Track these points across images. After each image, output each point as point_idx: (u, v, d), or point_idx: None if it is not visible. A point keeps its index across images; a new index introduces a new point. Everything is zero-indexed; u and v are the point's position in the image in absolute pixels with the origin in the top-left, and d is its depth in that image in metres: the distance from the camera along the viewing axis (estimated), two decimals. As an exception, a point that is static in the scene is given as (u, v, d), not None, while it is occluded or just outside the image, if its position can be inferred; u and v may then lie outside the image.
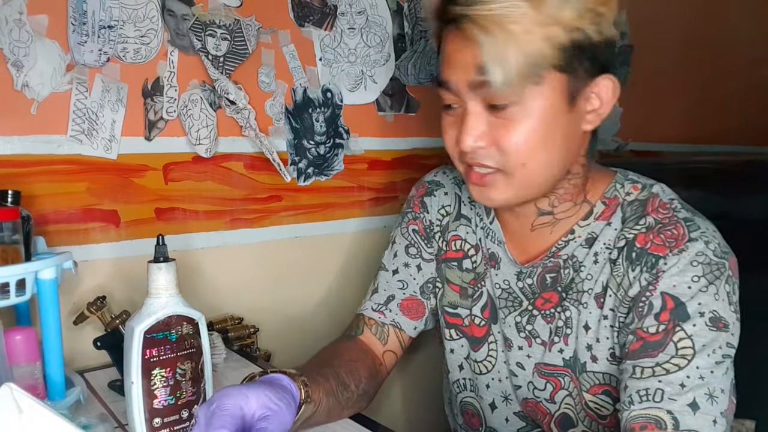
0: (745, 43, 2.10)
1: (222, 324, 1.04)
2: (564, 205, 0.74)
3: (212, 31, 1.03)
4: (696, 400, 0.60)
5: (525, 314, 0.77)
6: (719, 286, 0.64)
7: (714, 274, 0.64)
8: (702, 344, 0.62)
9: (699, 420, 0.59)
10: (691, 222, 0.67)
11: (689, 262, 0.64)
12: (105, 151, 0.94)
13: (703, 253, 0.65)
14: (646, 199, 0.71)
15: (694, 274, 0.64)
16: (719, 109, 2.04)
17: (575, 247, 0.73)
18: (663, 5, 1.85)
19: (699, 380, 0.61)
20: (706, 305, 0.63)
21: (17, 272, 0.63)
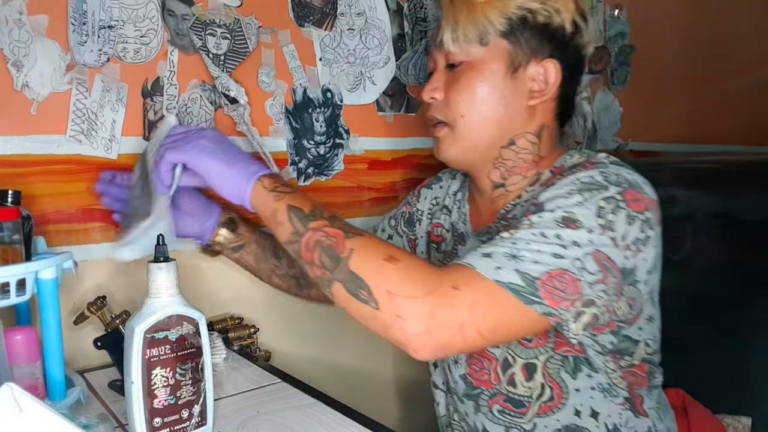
0: (746, 42, 2.10)
1: (222, 324, 1.04)
2: (514, 178, 0.82)
3: (212, 30, 1.03)
4: (492, 253, 0.63)
5: None
6: (589, 198, 0.65)
7: (588, 189, 0.66)
8: (537, 227, 0.64)
9: (481, 261, 0.63)
10: (602, 163, 0.71)
11: (572, 180, 0.68)
12: (105, 151, 0.94)
13: (591, 176, 0.68)
14: (585, 161, 0.74)
15: (570, 189, 0.67)
16: (719, 109, 2.04)
17: (521, 210, 0.79)
18: (663, 5, 1.85)
19: (510, 244, 0.64)
20: (562, 207, 0.65)
21: (17, 272, 0.63)
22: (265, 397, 0.79)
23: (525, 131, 0.79)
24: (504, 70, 0.77)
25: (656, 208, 0.69)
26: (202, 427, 0.64)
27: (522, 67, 0.77)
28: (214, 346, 0.90)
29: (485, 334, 0.62)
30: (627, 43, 1.77)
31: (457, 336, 0.61)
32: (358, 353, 1.22)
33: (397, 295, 0.60)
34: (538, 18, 0.75)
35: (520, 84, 0.77)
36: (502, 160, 0.81)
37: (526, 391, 0.76)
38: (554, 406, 0.75)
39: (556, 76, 0.77)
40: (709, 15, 1.99)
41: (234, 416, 0.72)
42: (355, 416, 0.73)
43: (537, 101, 0.78)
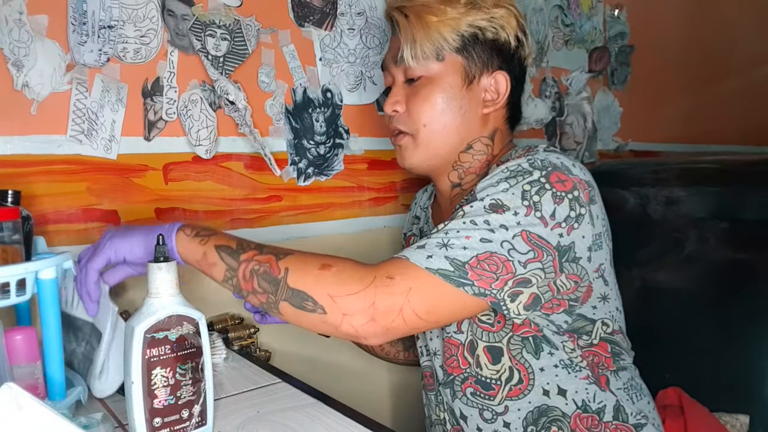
0: (745, 42, 2.10)
1: (222, 324, 1.04)
2: (469, 177, 0.88)
3: (212, 31, 1.03)
4: (425, 245, 0.69)
5: None
6: (514, 184, 0.71)
7: (514, 177, 0.72)
8: (465, 214, 0.70)
9: (414, 253, 0.69)
10: (535, 151, 0.75)
11: (501, 170, 0.73)
12: (105, 151, 0.94)
13: (518, 164, 0.73)
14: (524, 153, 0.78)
15: (498, 178, 0.72)
16: (719, 109, 2.04)
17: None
18: (663, 5, 1.85)
19: (441, 234, 0.69)
20: (490, 193, 0.71)
21: (17, 272, 0.63)
22: (265, 397, 0.79)
23: (480, 136, 0.86)
24: (460, 83, 0.84)
25: (586, 187, 0.73)
26: (202, 427, 0.64)
27: (476, 79, 0.84)
28: (214, 346, 0.90)
29: (423, 316, 0.68)
30: (627, 43, 1.77)
31: (398, 319, 0.67)
32: (358, 353, 1.22)
33: (339, 296, 0.66)
34: (486, 34, 0.83)
35: (474, 94, 0.84)
36: (460, 163, 0.87)
37: (492, 373, 0.81)
38: (524, 388, 0.79)
39: (506, 86, 0.85)
40: (709, 15, 2.00)
41: (234, 416, 0.72)
42: (355, 416, 0.73)
43: (490, 109, 0.85)
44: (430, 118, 0.84)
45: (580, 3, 1.65)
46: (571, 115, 1.64)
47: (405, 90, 0.87)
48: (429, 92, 0.84)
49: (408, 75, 0.85)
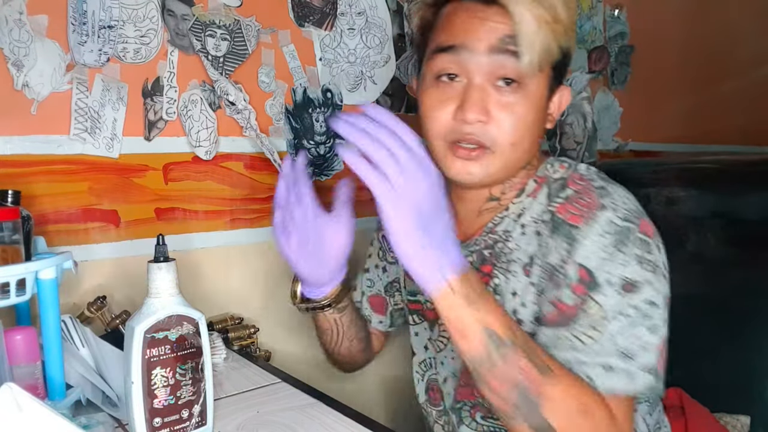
0: (745, 43, 2.10)
1: (222, 324, 1.04)
2: (512, 193, 0.78)
3: (212, 31, 1.03)
4: (610, 363, 0.64)
5: None
6: (627, 251, 0.66)
7: (622, 241, 0.67)
8: (612, 311, 0.65)
9: (614, 379, 0.63)
10: (603, 189, 0.71)
11: (599, 232, 0.67)
12: (107, 150, 0.94)
13: (611, 221, 0.68)
14: (569, 176, 0.75)
15: (603, 244, 0.67)
16: (719, 109, 2.04)
17: (509, 222, 0.77)
18: (663, 5, 1.85)
19: (612, 346, 0.64)
20: (614, 273, 0.66)
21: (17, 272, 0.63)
22: (265, 397, 0.79)
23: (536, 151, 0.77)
24: (545, 99, 0.73)
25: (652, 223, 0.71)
26: (202, 427, 0.64)
27: (553, 93, 0.75)
28: (214, 346, 0.90)
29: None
30: (627, 43, 1.77)
31: None
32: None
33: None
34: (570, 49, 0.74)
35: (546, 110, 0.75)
36: (512, 177, 0.77)
37: None
38: None
39: (567, 101, 0.77)
40: (709, 15, 2.00)
41: (234, 416, 0.73)
42: (355, 416, 0.73)
43: (551, 125, 0.77)
44: (520, 137, 0.71)
45: (580, 3, 1.65)
46: (571, 115, 1.64)
47: (493, 96, 0.70)
48: (525, 106, 0.70)
49: (501, 74, 0.69)
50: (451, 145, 0.72)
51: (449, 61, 0.70)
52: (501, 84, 0.69)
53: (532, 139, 0.73)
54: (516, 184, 0.77)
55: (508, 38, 0.68)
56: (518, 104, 0.70)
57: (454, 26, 0.71)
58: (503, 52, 0.68)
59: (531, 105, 0.70)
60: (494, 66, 0.68)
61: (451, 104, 0.71)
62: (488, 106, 0.69)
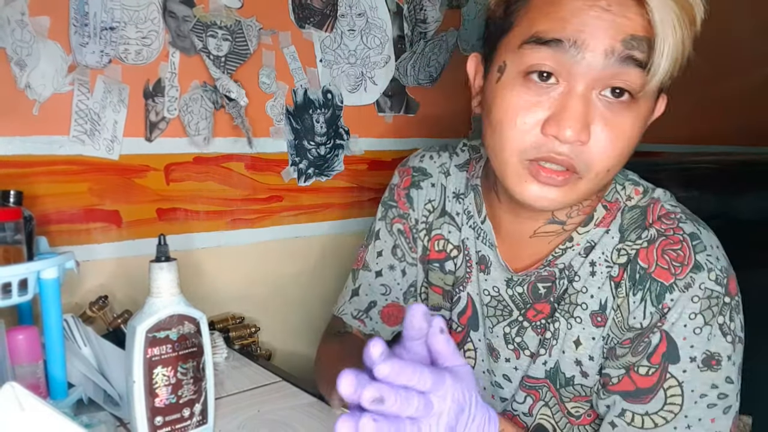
0: (745, 43, 2.10)
1: (223, 323, 1.04)
2: (578, 218, 0.66)
3: (213, 32, 1.03)
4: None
5: (515, 325, 0.71)
6: (713, 323, 0.58)
7: (711, 310, 0.59)
8: (691, 390, 0.59)
9: None
10: (698, 240, 0.60)
11: (690, 297, 0.59)
12: (107, 152, 0.95)
13: (705, 285, 0.59)
14: (647, 206, 0.64)
15: (692, 311, 0.59)
16: (719, 109, 2.04)
17: (573, 256, 0.66)
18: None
19: (687, 430, 0.59)
20: (698, 347, 0.58)
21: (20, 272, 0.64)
22: (266, 396, 0.79)
23: None
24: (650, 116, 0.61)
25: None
26: (203, 425, 0.65)
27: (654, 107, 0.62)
28: (216, 346, 0.90)
29: None
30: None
31: None
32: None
33: None
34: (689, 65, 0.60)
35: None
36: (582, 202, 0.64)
37: None
38: None
39: (662, 110, 0.65)
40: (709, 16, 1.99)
41: (235, 415, 0.73)
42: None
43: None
44: (619, 163, 0.58)
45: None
46: (571, 116, 1.64)
47: (597, 108, 0.55)
48: (635, 128, 0.57)
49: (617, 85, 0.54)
50: (532, 165, 0.58)
51: (548, 57, 0.54)
52: (608, 95, 0.55)
53: (622, 166, 0.60)
54: (583, 209, 0.65)
55: (634, 41, 0.53)
56: (627, 124, 0.56)
57: (561, 12, 0.54)
58: (626, 59, 0.53)
59: (638, 126, 0.57)
60: (609, 73, 0.54)
61: (540, 112, 0.56)
62: (590, 122, 0.55)
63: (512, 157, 0.59)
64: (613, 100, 0.55)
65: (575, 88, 0.55)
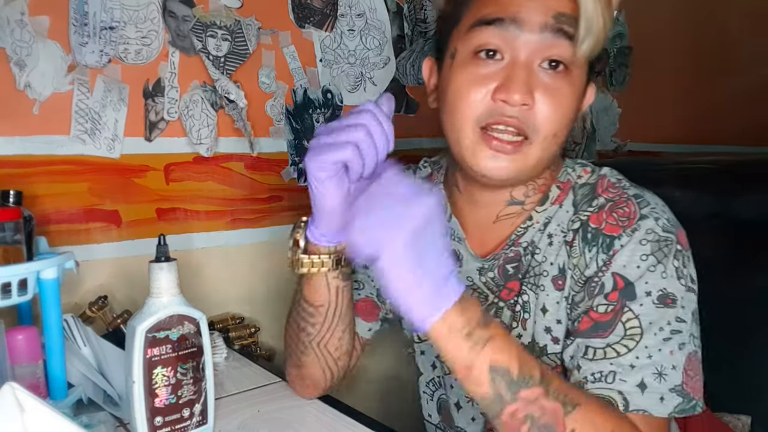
0: (745, 43, 2.10)
1: (223, 323, 1.04)
2: (536, 197, 0.72)
3: (213, 32, 1.03)
4: (644, 380, 0.60)
5: (492, 307, 0.75)
6: (667, 264, 0.63)
7: (663, 251, 0.64)
8: (649, 322, 0.62)
9: (647, 399, 0.60)
10: (641, 198, 0.67)
11: (639, 240, 0.64)
12: (108, 151, 0.95)
13: (653, 230, 0.64)
14: (596, 182, 0.71)
15: (643, 253, 0.63)
16: (718, 109, 2.04)
17: (533, 233, 0.72)
18: (662, 6, 1.85)
19: (647, 360, 0.61)
20: (653, 284, 0.62)
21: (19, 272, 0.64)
22: (266, 396, 0.79)
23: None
24: (583, 92, 0.68)
25: None
26: (203, 426, 0.65)
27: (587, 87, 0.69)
28: (215, 346, 0.90)
29: None
30: (625, 44, 1.77)
31: None
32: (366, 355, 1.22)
33: None
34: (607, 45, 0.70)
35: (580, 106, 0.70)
36: (535, 178, 0.71)
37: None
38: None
39: (591, 100, 0.71)
40: (708, 15, 2.00)
41: (235, 415, 0.73)
42: (356, 415, 0.74)
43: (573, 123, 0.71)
44: (563, 128, 0.65)
45: (580, 4, 1.65)
46: (570, 116, 1.64)
47: (539, 77, 0.63)
48: (571, 95, 0.64)
49: (553, 56, 0.62)
50: (484, 134, 0.64)
51: (492, 35, 0.62)
52: (546, 66, 0.63)
53: (567, 133, 0.67)
54: (539, 187, 0.72)
55: (563, 17, 0.61)
56: (564, 90, 0.63)
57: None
58: (557, 31, 0.61)
59: (575, 94, 0.64)
60: (545, 45, 0.62)
61: (490, 83, 0.63)
62: (533, 89, 0.62)
63: (466, 126, 0.65)
64: (551, 70, 0.63)
65: (518, 59, 0.63)
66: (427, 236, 0.51)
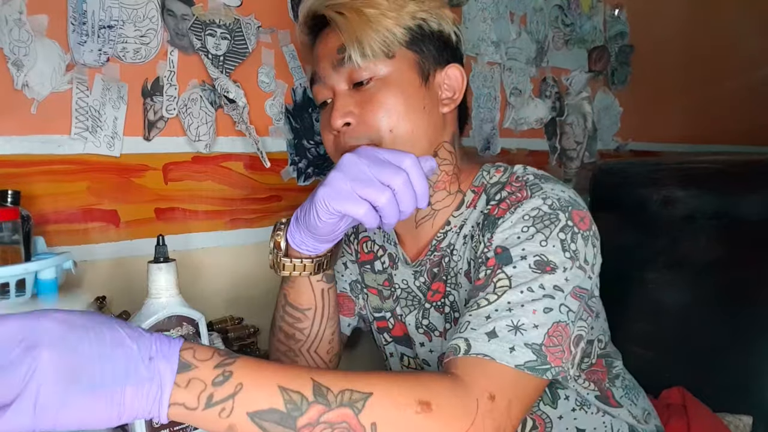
0: (745, 43, 2.10)
1: (222, 324, 1.04)
2: (439, 194, 0.77)
3: (212, 30, 1.03)
4: (495, 330, 0.60)
5: (421, 309, 0.80)
6: (548, 234, 0.65)
7: (544, 223, 0.66)
8: (519, 282, 0.63)
9: (492, 346, 0.59)
10: (535, 185, 0.70)
11: (521, 216, 0.67)
12: (108, 148, 0.94)
13: (538, 207, 0.67)
14: (507, 180, 0.74)
15: (524, 226, 0.66)
16: (719, 109, 2.04)
17: (452, 237, 0.76)
18: (663, 5, 1.85)
19: (506, 312, 0.61)
20: (530, 250, 0.64)
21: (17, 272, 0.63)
22: (265, 398, 0.78)
23: (443, 141, 0.76)
24: (418, 80, 0.74)
25: (590, 216, 0.70)
26: (202, 427, 0.64)
27: (431, 75, 0.75)
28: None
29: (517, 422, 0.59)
30: (627, 43, 1.77)
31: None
32: (358, 352, 1.22)
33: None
34: (431, 26, 0.75)
35: (432, 93, 0.75)
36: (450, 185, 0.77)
37: None
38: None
39: (462, 80, 0.77)
40: (709, 15, 2.00)
41: (234, 416, 0.72)
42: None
43: (448, 108, 0.76)
44: (395, 123, 0.71)
45: (580, 3, 1.65)
46: (571, 115, 1.64)
47: (353, 98, 0.73)
48: (387, 94, 0.72)
49: (354, 78, 0.73)
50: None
51: (319, 90, 0.77)
52: (357, 87, 0.73)
53: (415, 122, 0.72)
54: (442, 183, 0.76)
55: (337, 52, 0.73)
56: (378, 95, 0.72)
57: (314, 62, 0.78)
58: (341, 62, 0.72)
59: (398, 92, 0.72)
60: (345, 76, 0.73)
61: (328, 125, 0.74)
62: (353, 108, 0.72)
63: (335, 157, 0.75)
64: (361, 87, 0.73)
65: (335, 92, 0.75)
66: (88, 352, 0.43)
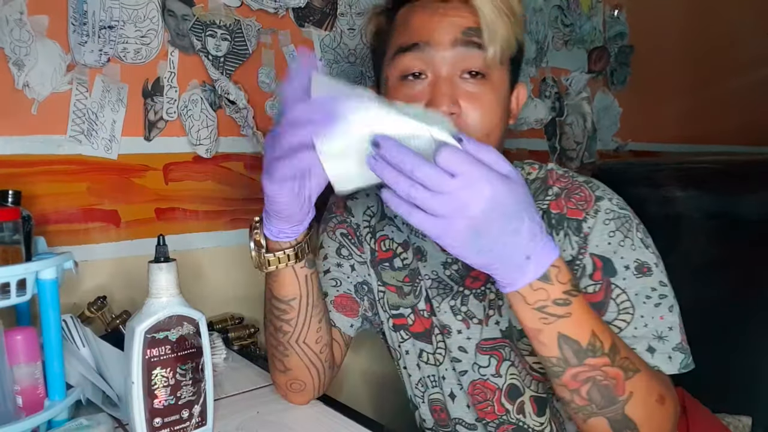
0: (745, 43, 2.10)
1: (222, 324, 1.04)
2: None
3: (212, 31, 1.03)
4: (650, 345, 0.66)
5: (458, 296, 0.79)
6: (633, 237, 0.69)
7: (625, 226, 0.70)
8: (635, 294, 0.67)
9: (657, 359, 0.65)
10: (591, 182, 0.74)
11: (603, 220, 0.70)
12: (105, 151, 0.94)
13: (611, 209, 0.71)
14: (545, 176, 0.76)
15: (610, 230, 0.69)
16: (719, 109, 2.04)
17: None
18: (663, 5, 1.85)
19: (644, 328, 0.66)
20: (628, 257, 0.68)
21: (18, 272, 0.63)
22: (266, 398, 0.79)
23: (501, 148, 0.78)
24: (507, 92, 0.74)
25: None
26: (202, 427, 0.64)
27: (513, 90, 0.77)
28: (215, 346, 0.90)
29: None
30: (626, 44, 1.77)
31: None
32: (357, 353, 1.22)
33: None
34: (523, 45, 0.76)
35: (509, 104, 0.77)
36: None
37: (536, 424, 0.77)
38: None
39: (524, 97, 0.79)
40: (709, 15, 2.00)
41: (234, 416, 0.73)
42: (355, 416, 0.74)
43: (513, 122, 0.79)
44: (493, 128, 0.71)
45: (580, 3, 1.65)
46: (570, 115, 1.64)
47: (461, 88, 0.70)
48: (493, 98, 0.71)
49: (468, 66, 0.69)
50: None
51: (413, 58, 0.70)
52: (467, 77, 0.70)
53: (501, 133, 0.73)
54: None
55: (470, 30, 0.69)
56: (486, 95, 0.70)
57: (413, 26, 0.71)
58: (467, 44, 0.68)
59: (497, 97, 0.71)
60: (460, 58, 0.69)
61: (420, 101, 0.70)
62: (458, 98, 0.69)
63: None
64: (472, 79, 0.70)
65: (440, 75, 0.69)
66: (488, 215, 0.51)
